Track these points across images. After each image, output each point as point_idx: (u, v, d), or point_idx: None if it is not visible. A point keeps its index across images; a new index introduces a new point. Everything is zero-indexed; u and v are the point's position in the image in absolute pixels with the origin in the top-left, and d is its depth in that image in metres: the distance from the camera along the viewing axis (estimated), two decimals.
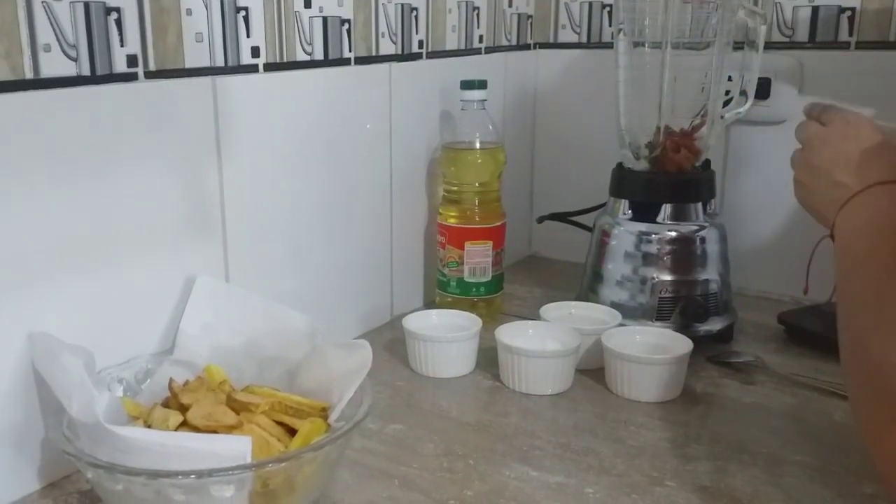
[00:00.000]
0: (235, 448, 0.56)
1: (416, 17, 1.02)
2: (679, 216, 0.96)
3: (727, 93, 0.99)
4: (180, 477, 0.55)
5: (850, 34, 1.05)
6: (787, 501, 0.66)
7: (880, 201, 0.66)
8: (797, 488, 0.68)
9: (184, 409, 0.63)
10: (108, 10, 0.67)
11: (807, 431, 0.78)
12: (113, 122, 0.69)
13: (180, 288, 0.77)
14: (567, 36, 1.26)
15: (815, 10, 1.07)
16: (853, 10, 1.04)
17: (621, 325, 0.92)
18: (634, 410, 0.81)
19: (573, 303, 0.98)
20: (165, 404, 0.66)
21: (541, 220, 1.17)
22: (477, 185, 1.02)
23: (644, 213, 0.97)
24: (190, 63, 0.75)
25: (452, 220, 1.03)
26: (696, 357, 0.87)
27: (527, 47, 1.26)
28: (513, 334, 0.87)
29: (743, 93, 0.98)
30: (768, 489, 0.68)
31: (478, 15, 1.13)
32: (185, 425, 0.62)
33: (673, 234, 0.96)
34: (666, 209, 0.96)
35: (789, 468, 0.71)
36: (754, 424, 0.79)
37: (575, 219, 1.13)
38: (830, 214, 0.69)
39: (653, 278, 0.95)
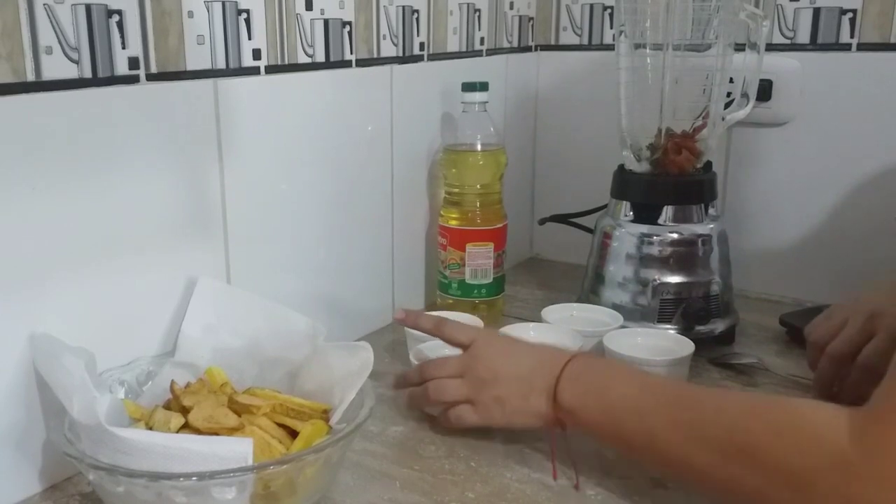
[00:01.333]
0: (237, 450, 0.56)
1: (418, 19, 1.02)
2: (680, 218, 0.96)
3: (728, 94, 0.98)
4: (182, 479, 0.55)
5: (852, 36, 1.05)
6: None
7: (588, 360, 0.73)
8: None
9: (185, 411, 0.63)
10: (110, 13, 0.68)
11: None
12: (114, 125, 0.69)
13: (182, 290, 0.77)
14: (568, 38, 1.26)
15: (817, 11, 1.07)
16: (854, 11, 1.04)
17: (623, 327, 0.92)
18: None
19: (575, 305, 0.98)
20: (167, 406, 0.66)
21: (542, 221, 1.17)
22: (478, 186, 1.02)
23: (645, 214, 0.97)
24: (191, 65, 0.75)
25: (454, 222, 1.03)
26: (698, 359, 0.87)
27: (528, 49, 1.26)
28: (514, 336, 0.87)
29: (744, 94, 0.98)
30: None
31: (479, 17, 1.13)
32: (186, 427, 0.63)
33: (674, 235, 0.96)
34: (667, 211, 0.96)
35: None
36: None
37: (576, 220, 1.13)
38: (545, 406, 0.70)
39: (654, 280, 0.95)
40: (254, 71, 0.81)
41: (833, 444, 0.53)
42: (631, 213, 0.98)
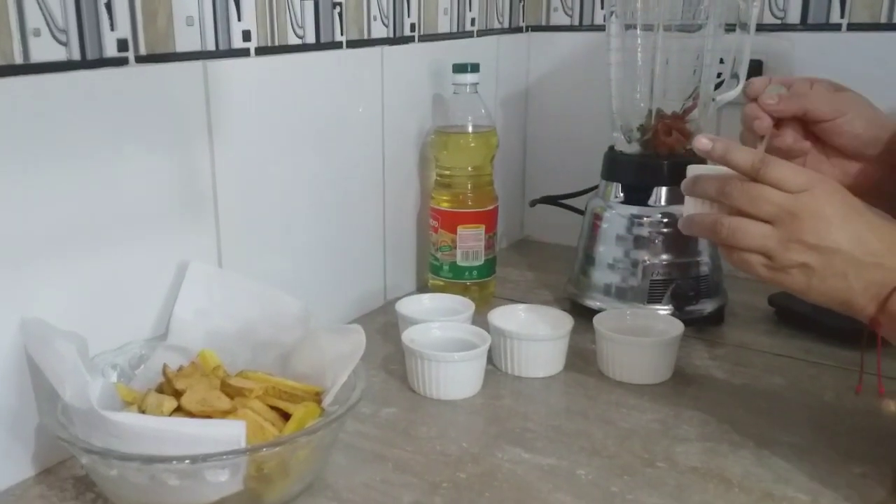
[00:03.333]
0: (230, 433, 0.57)
1: (408, 0, 1.01)
2: (671, 199, 0.96)
3: (719, 75, 0.98)
4: (175, 462, 0.55)
5: (842, 16, 1.05)
6: (776, 482, 0.67)
7: None
8: (787, 469, 0.68)
9: (178, 394, 0.64)
10: None
11: (797, 412, 0.79)
12: (104, 107, 0.68)
13: (173, 273, 0.77)
14: (559, 19, 1.26)
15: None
16: None
17: (614, 308, 0.92)
18: (626, 392, 0.82)
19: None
20: (159, 390, 0.66)
21: (533, 203, 1.17)
22: (469, 168, 1.02)
23: (636, 196, 0.98)
24: (181, 47, 0.74)
25: (445, 204, 1.03)
26: (687, 339, 0.88)
27: (519, 30, 1.26)
28: (505, 318, 0.88)
29: (734, 75, 0.98)
30: (758, 470, 0.69)
31: None
32: (179, 410, 0.63)
33: (665, 217, 0.96)
34: (658, 192, 0.97)
35: (779, 449, 0.71)
36: (744, 406, 0.79)
37: (567, 202, 1.14)
38: (866, 300, 0.60)
39: (644, 261, 0.96)
40: (244, 52, 0.81)
41: None
42: (621, 194, 0.99)
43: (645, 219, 0.96)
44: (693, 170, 0.68)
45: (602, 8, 1.21)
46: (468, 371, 0.81)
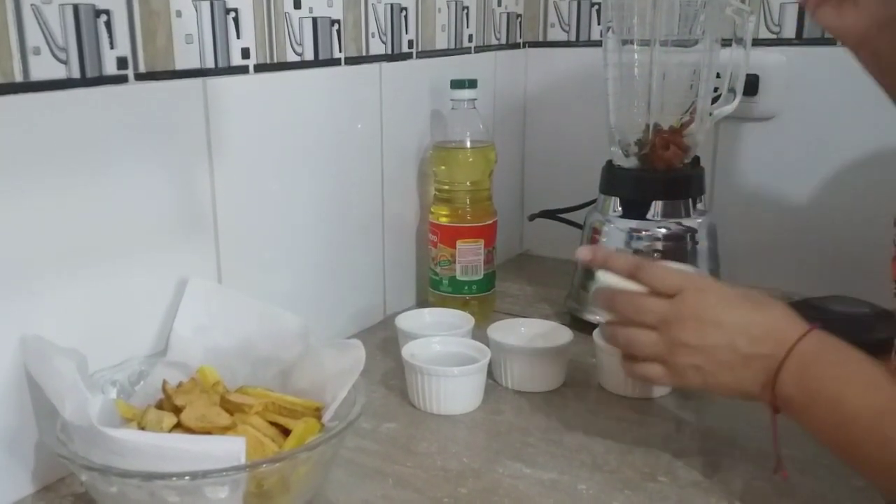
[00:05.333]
0: (229, 449, 0.56)
1: (406, 16, 1.02)
2: (669, 213, 0.97)
3: (716, 90, 0.99)
4: (174, 478, 0.55)
5: None
6: (778, 495, 0.67)
7: (823, 344, 0.61)
8: (788, 482, 0.68)
9: (177, 410, 0.63)
10: (98, 13, 0.67)
11: (798, 426, 0.78)
12: (103, 125, 0.69)
13: (173, 289, 0.77)
14: (556, 34, 1.27)
15: (803, 6, 1.07)
16: None
17: None
18: (627, 406, 0.82)
19: None
20: (159, 406, 0.66)
21: (532, 217, 1.17)
22: (468, 183, 1.03)
23: (634, 210, 0.98)
24: (180, 65, 0.75)
25: (444, 219, 1.03)
26: None
27: (516, 46, 1.27)
28: (505, 332, 0.88)
29: (731, 89, 0.98)
30: (760, 483, 0.68)
31: (467, 14, 1.14)
32: (178, 427, 0.63)
33: (663, 230, 0.96)
34: (656, 206, 0.97)
35: None
36: (746, 419, 0.79)
37: (566, 216, 1.14)
38: (757, 388, 0.62)
39: None
40: (243, 70, 0.81)
41: None
42: (620, 208, 0.99)
43: (643, 232, 0.96)
44: (600, 276, 0.72)
45: (599, 24, 1.22)
46: (468, 386, 0.81)
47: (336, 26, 0.92)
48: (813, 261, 1.11)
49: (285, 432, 0.64)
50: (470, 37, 1.15)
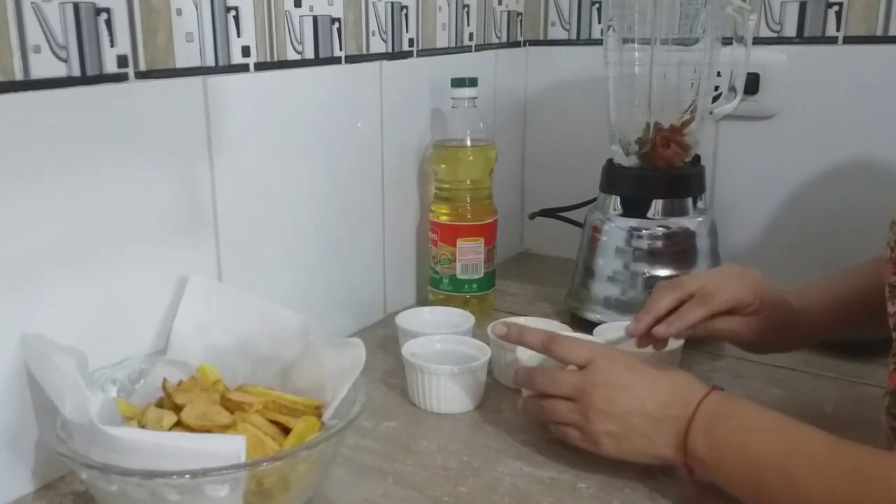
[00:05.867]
0: (230, 447, 0.56)
1: (407, 15, 1.02)
2: (669, 211, 0.97)
3: (716, 88, 0.99)
4: (175, 477, 0.55)
5: (838, 29, 1.06)
6: None
7: (725, 401, 0.64)
8: None
9: (178, 408, 0.63)
10: (98, 11, 0.67)
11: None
12: (104, 123, 0.69)
13: (173, 288, 0.77)
14: (557, 33, 1.26)
15: (803, 5, 1.07)
16: (840, 4, 1.05)
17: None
18: None
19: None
20: (159, 404, 0.66)
21: (532, 216, 1.17)
22: (468, 182, 1.03)
23: (634, 208, 0.98)
24: (180, 63, 0.75)
25: (444, 218, 1.03)
26: (688, 351, 0.88)
27: (517, 45, 1.27)
28: None
29: (732, 88, 0.98)
30: None
31: (468, 13, 1.14)
32: (179, 425, 0.63)
33: (663, 229, 0.96)
34: (656, 205, 0.97)
35: None
36: None
37: (566, 215, 1.14)
38: (670, 451, 0.64)
39: (644, 273, 0.96)
40: (243, 68, 0.81)
41: None
42: (620, 207, 0.99)
43: (644, 231, 0.96)
44: (519, 355, 0.79)
45: (599, 22, 1.22)
46: (468, 384, 0.81)
47: (336, 25, 0.92)
48: (813, 260, 1.11)
49: (285, 431, 0.64)
50: (470, 35, 1.15)
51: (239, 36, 0.80)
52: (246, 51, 0.81)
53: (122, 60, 0.70)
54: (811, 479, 0.57)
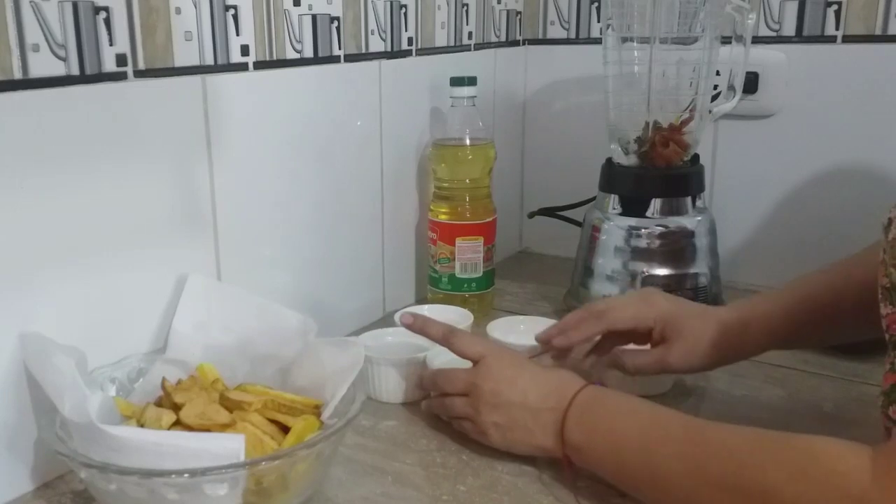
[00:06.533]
0: (229, 446, 0.56)
1: (406, 14, 1.02)
2: (668, 210, 0.97)
3: (715, 87, 0.99)
4: (174, 476, 0.55)
5: (837, 28, 1.06)
6: None
7: (599, 392, 0.68)
8: None
9: (177, 407, 0.63)
10: (97, 10, 0.67)
11: (796, 423, 0.78)
12: (103, 122, 0.68)
13: (172, 286, 0.77)
14: (556, 32, 1.26)
15: (802, 3, 1.07)
16: (839, 3, 1.05)
17: None
18: None
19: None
20: (158, 403, 0.66)
21: (531, 215, 1.17)
22: (467, 181, 1.03)
23: (633, 207, 0.98)
24: (179, 62, 0.75)
25: (443, 217, 1.03)
26: None
27: (516, 44, 1.27)
28: (504, 330, 0.88)
29: (731, 87, 0.98)
30: None
31: (467, 11, 1.13)
32: (178, 424, 0.63)
33: (662, 228, 0.96)
34: (655, 204, 0.97)
35: None
36: (744, 416, 0.79)
37: (565, 214, 1.14)
38: (549, 441, 0.68)
39: (643, 272, 0.96)
40: (242, 67, 0.81)
41: (854, 484, 0.50)
42: (619, 206, 0.99)
43: (643, 230, 0.97)
44: (431, 361, 0.81)
45: (598, 21, 1.22)
46: (409, 374, 0.81)
47: (335, 23, 0.92)
48: (812, 259, 1.10)
49: (285, 430, 0.64)
50: (469, 34, 1.15)
51: (238, 35, 0.80)
52: (245, 49, 0.81)
53: (120, 59, 0.70)
54: (664, 448, 0.61)
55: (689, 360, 0.76)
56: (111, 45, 0.69)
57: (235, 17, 0.80)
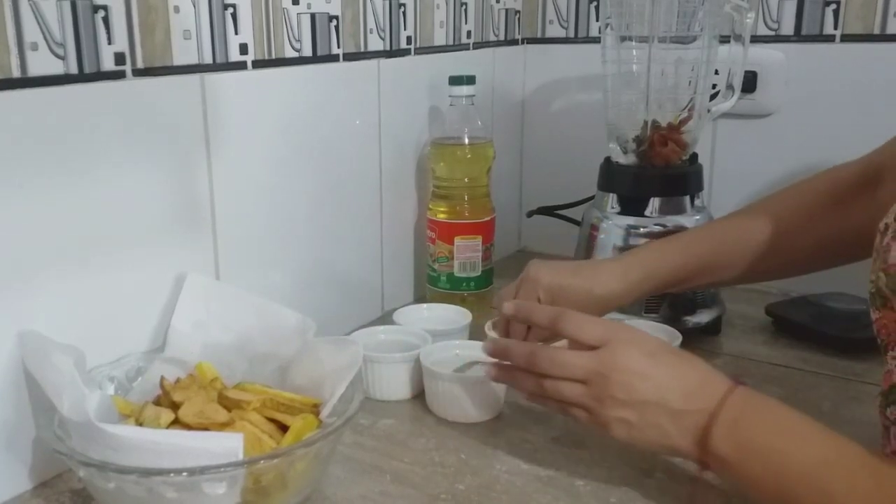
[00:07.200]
0: (227, 445, 0.57)
1: (404, 12, 1.02)
2: (667, 210, 0.97)
3: (714, 86, 0.99)
4: (172, 475, 0.55)
5: (835, 27, 1.06)
6: None
7: (752, 398, 0.60)
8: None
9: (175, 406, 0.63)
10: (96, 8, 0.67)
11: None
12: (101, 121, 0.68)
13: (171, 285, 0.77)
14: (554, 31, 1.26)
15: (801, 3, 1.07)
16: (838, 2, 1.05)
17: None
18: None
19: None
20: (157, 402, 0.66)
21: (530, 214, 1.17)
22: (466, 180, 1.02)
23: (632, 206, 0.98)
24: (178, 61, 0.75)
25: (442, 216, 1.03)
26: (685, 349, 0.87)
27: (514, 42, 1.27)
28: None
29: (730, 86, 0.98)
30: None
31: (465, 10, 1.13)
32: (176, 423, 0.63)
33: (661, 227, 0.96)
34: (654, 203, 0.97)
35: None
36: None
37: (564, 213, 1.14)
38: (686, 445, 0.60)
39: None
40: (241, 66, 0.81)
41: None
42: (617, 205, 0.99)
43: (641, 229, 0.96)
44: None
45: (597, 20, 1.22)
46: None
47: (334, 22, 0.92)
48: None
49: (283, 428, 0.64)
50: (468, 33, 1.15)
51: (237, 33, 0.80)
52: (244, 48, 0.81)
53: (119, 58, 0.70)
54: (849, 498, 0.53)
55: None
56: (110, 43, 0.69)
57: (234, 15, 0.79)
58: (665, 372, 0.62)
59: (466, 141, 1.02)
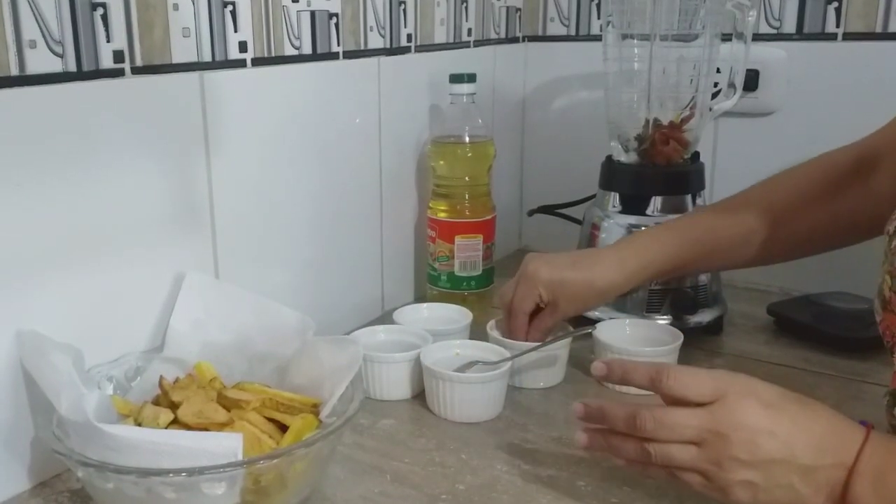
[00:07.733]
0: (226, 445, 0.56)
1: (405, 10, 1.01)
2: (668, 208, 0.97)
3: (716, 85, 0.99)
4: (171, 475, 0.55)
5: (837, 25, 1.06)
6: None
7: (888, 446, 0.55)
8: None
9: (174, 406, 0.63)
10: (94, 6, 0.67)
11: None
12: (100, 119, 0.68)
13: (170, 285, 0.76)
14: (556, 29, 1.26)
15: (803, 1, 1.07)
16: (840, 1, 1.05)
17: (612, 318, 0.92)
18: (626, 402, 0.81)
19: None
20: (156, 402, 0.66)
21: (531, 213, 1.17)
22: (466, 178, 1.02)
23: (633, 205, 0.98)
24: (177, 58, 0.74)
25: (442, 214, 1.03)
26: (687, 348, 0.87)
27: (515, 40, 1.26)
28: (504, 329, 0.87)
29: (731, 84, 0.98)
30: None
31: (466, 8, 1.13)
32: (175, 423, 0.62)
33: None
34: (655, 201, 0.97)
35: None
36: None
37: (565, 211, 1.14)
38: (823, 500, 0.55)
39: None
40: (240, 63, 0.81)
41: None
42: (619, 203, 0.99)
43: (643, 228, 0.96)
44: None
45: (598, 18, 1.22)
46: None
47: (334, 20, 0.91)
48: (812, 257, 1.10)
49: (283, 428, 0.64)
50: (469, 31, 1.15)
51: (236, 31, 0.80)
52: (243, 46, 0.81)
53: (118, 55, 0.69)
54: None
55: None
56: (108, 41, 0.68)
57: (233, 13, 0.79)
58: (790, 425, 0.56)
59: (467, 139, 1.01)
